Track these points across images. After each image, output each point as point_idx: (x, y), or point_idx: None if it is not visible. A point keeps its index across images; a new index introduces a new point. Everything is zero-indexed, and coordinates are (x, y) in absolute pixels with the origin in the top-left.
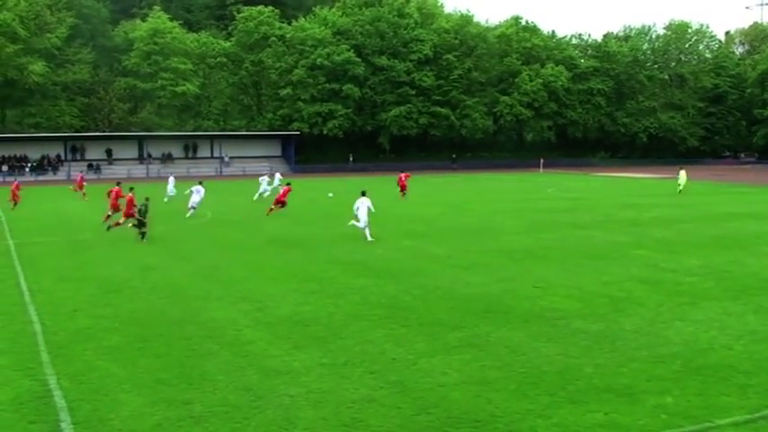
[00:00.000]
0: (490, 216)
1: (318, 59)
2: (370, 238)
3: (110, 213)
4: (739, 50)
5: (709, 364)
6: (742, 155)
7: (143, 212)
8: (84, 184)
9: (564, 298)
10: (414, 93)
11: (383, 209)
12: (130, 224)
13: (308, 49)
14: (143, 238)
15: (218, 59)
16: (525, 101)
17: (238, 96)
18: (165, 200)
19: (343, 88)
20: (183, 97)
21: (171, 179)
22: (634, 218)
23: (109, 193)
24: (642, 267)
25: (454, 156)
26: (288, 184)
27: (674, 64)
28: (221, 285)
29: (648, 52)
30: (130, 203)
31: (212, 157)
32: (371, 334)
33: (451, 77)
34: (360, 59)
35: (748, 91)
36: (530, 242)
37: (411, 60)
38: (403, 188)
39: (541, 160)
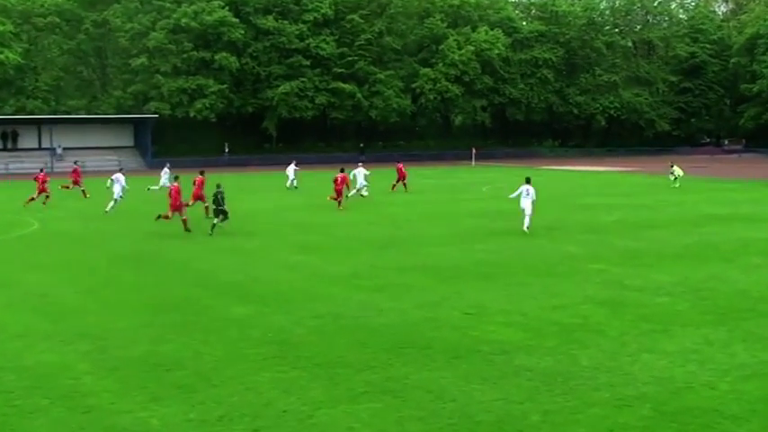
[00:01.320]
0: (409, 222)
1: (183, 20)
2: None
3: (189, 203)
4: (722, 10)
5: (686, 407)
6: (725, 141)
7: (220, 200)
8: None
9: (503, 327)
10: (309, 64)
11: (266, 212)
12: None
13: (168, 5)
14: (222, 220)
15: (47, 19)
16: (452, 74)
17: (75, 68)
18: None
19: (216, 58)
20: (0, 69)
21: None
22: (591, 223)
23: (194, 183)
24: (601, 286)
25: (362, 145)
26: (176, 178)
27: (639, 28)
28: (51, 319)
29: (607, 13)
30: (200, 186)
31: (40, 149)
32: (254, 379)
33: (358, 44)
34: (238, 20)
35: (733, 61)
36: (459, 255)
37: (305, 22)
38: (402, 177)
39: (473, 150)
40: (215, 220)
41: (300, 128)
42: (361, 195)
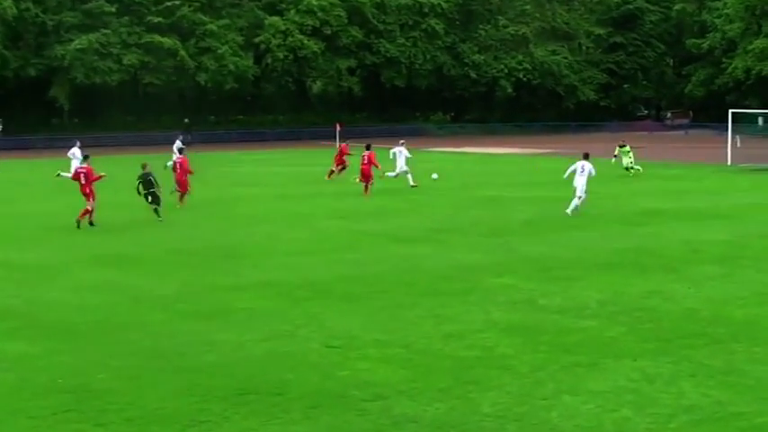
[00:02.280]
0: (251, 225)
1: None
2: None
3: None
4: None
5: None
6: (668, 114)
7: (152, 182)
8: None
9: (379, 363)
10: (114, 10)
11: (56, 214)
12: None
13: None
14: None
15: None
16: (309, 25)
17: None
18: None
19: None
20: None
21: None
22: (494, 222)
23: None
24: (508, 306)
25: (187, 120)
26: (86, 157)
27: None
28: None
29: None
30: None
31: None
32: None
33: None
34: None
35: (676, 8)
36: (319, 268)
37: None
38: (341, 162)
39: (338, 127)
40: (154, 207)
41: (102, 98)
42: (413, 185)
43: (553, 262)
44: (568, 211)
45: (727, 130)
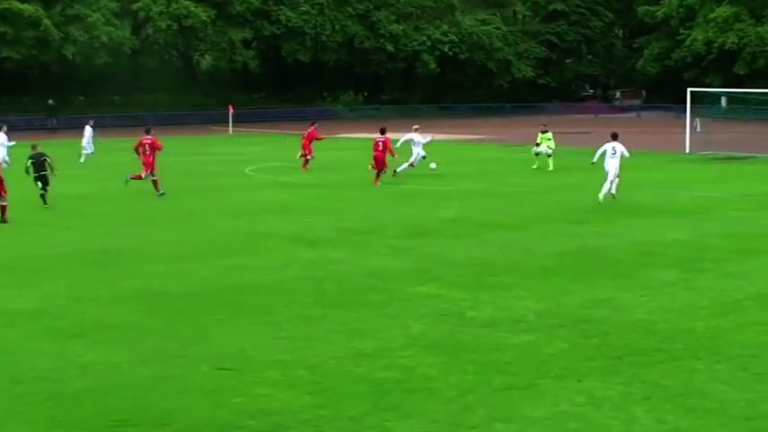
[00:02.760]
0: (130, 225)
1: None
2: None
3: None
4: None
5: None
6: (617, 94)
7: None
8: None
9: (280, 388)
10: None
11: None
12: None
13: None
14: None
15: None
16: None
17: None
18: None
19: None
20: None
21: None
22: (415, 221)
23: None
24: (432, 319)
25: (51, 102)
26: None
27: None
28: None
29: None
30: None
31: None
32: None
33: None
34: None
35: None
36: (206, 276)
37: None
38: (307, 148)
39: (231, 109)
40: (42, 191)
41: None
42: (431, 168)
43: (484, 267)
44: (600, 196)
45: (685, 112)
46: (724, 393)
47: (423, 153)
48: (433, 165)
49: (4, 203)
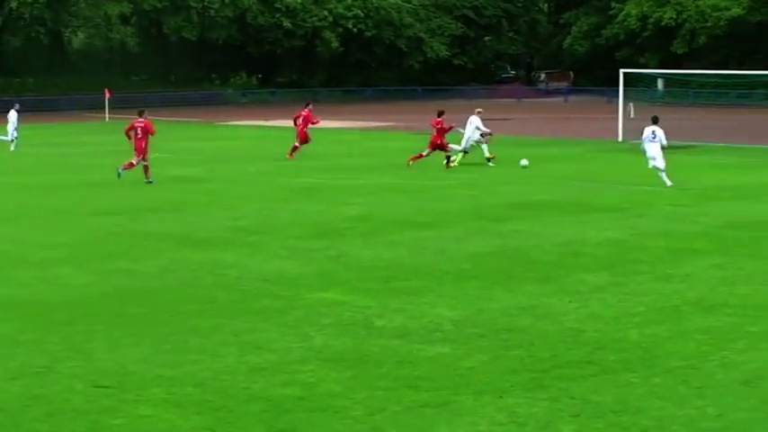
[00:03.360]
0: None
1: None
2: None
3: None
4: None
5: None
6: (541, 75)
7: None
8: None
9: (165, 407)
10: None
11: None
12: None
13: None
14: None
15: None
16: None
17: None
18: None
19: None
20: None
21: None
22: (318, 220)
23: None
24: (336, 329)
25: None
26: None
27: None
28: None
29: None
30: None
31: None
32: None
33: None
34: None
35: None
36: (86, 282)
37: None
38: (302, 134)
39: (107, 94)
40: None
41: None
42: (489, 159)
43: (393, 270)
44: (667, 182)
45: (617, 95)
46: (662, 410)
47: (475, 140)
48: (524, 161)
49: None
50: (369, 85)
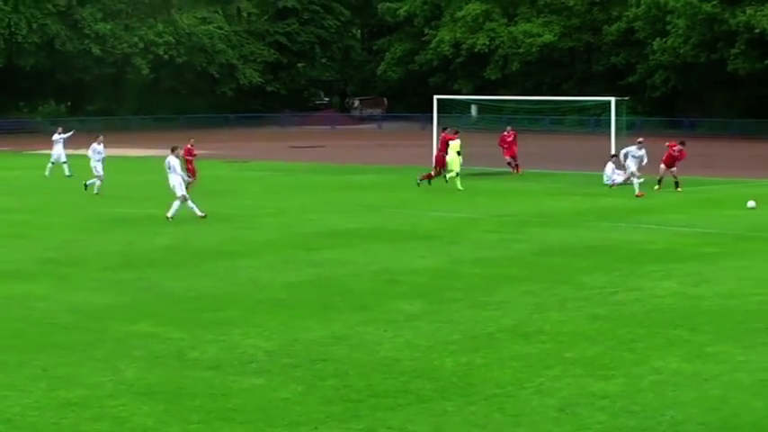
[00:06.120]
0: None
1: None
2: None
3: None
4: None
5: None
6: (356, 102)
7: None
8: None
9: None
10: None
11: None
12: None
13: None
14: None
15: None
16: None
17: None
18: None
19: None
20: None
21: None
22: (128, 250)
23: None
24: (147, 362)
25: None
26: None
27: None
28: None
29: None
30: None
31: None
32: None
33: None
34: None
35: None
36: None
37: None
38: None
39: None
40: None
41: None
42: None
43: (205, 301)
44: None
45: (431, 121)
46: None
47: (633, 168)
48: (751, 203)
49: None
50: (180, 112)
